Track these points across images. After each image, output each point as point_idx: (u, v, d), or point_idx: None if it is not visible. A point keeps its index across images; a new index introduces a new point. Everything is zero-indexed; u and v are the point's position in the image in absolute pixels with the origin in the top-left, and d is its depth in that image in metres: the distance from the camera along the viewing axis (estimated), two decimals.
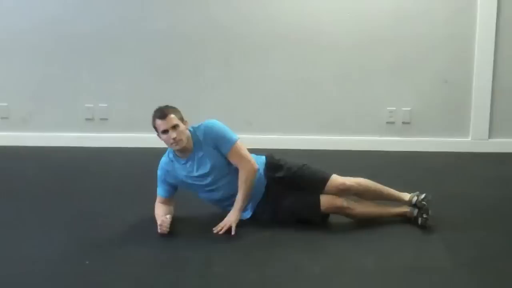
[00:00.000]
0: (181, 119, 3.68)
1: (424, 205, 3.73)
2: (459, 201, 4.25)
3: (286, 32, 5.73)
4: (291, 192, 3.81)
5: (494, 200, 4.32)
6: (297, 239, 3.63)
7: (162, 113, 3.64)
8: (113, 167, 5.31)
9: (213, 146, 3.73)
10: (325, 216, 3.82)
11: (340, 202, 3.78)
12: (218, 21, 5.75)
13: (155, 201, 3.86)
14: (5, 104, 6.01)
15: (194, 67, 5.86)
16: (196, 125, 3.79)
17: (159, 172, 3.85)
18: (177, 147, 3.67)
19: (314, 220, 3.77)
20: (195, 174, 3.75)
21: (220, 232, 3.63)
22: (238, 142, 3.75)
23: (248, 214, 3.85)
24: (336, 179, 3.84)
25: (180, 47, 5.78)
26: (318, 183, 3.81)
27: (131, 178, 4.90)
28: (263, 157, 3.93)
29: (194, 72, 5.86)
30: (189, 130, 3.74)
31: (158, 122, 3.64)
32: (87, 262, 3.32)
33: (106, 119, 5.98)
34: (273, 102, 5.85)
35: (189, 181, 3.79)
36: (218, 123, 3.79)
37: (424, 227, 3.71)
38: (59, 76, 5.94)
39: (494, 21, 5.54)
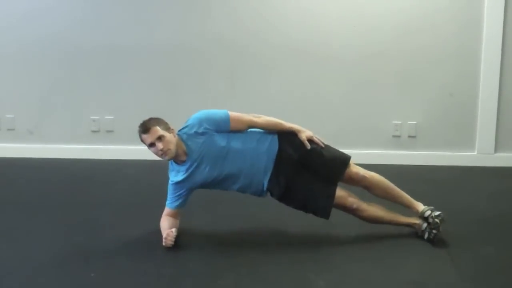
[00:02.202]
0: (167, 128, 3.66)
1: (437, 223, 3.68)
2: (465, 215, 4.24)
3: (292, 45, 5.75)
4: (307, 172, 3.75)
5: (500, 214, 4.31)
6: (303, 251, 3.62)
7: (145, 127, 3.63)
8: (118, 179, 5.31)
9: (215, 129, 3.69)
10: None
11: (351, 202, 3.75)
12: (223, 34, 5.78)
13: (160, 213, 3.84)
14: (12, 115, 6.03)
15: (200, 80, 5.87)
16: (181, 127, 3.76)
17: (170, 185, 3.82)
18: (167, 157, 3.65)
19: (322, 213, 3.74)
20: (201, 169, 3.70)
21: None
22: (230, 112, 3.74)
23: (263, 192, 3.77)
24: (352, 167, 3.82)
25: (185, 61, 5.81)
26: (337, 169, 3.77)
27: (136, 191, 4.90)
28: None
29: (199, 85, 5.88)
30: (177, 135, 3.71)
31: (143, 136, 3.64)
32: (92, 275, 3.31)
33: (112, 131, 6.00)
34: (278, 115, 5.79)
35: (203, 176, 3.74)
36: (205, 111, 3.78)
37: (431, 242, 3.69)
38: (65, 88, 5.97)
39: (501, 35, 5.55)
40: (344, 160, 3.83)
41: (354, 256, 3.59)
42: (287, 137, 3.82)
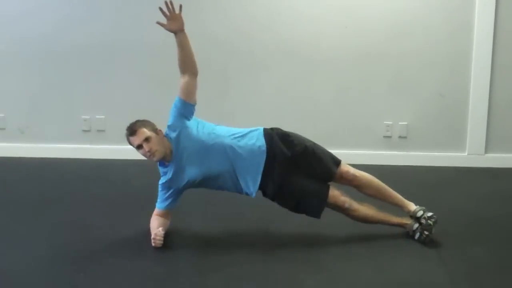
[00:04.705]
0: (154, 130, 3.67)
1: (429, 224, 3.69)
2: (455, 215, 4.25)
3: (284, 46, 5.75)
4: (300, 171, 3.75)
5: (490, 215, 4.32)
6: (292, 252, 3.63)
7: (131, 129, 3.64)
8: (109, 179, 5.30)
9: (183, 117, 3.70)
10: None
11: (343, 201, 3.76)
12: (216, 34, 5.77)
13: (151, 213, 3.84)
14: (2, 115, 6.01)
15: None
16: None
17: (160, 185, 3.82)
18: (155, 159, 3.65)
19: (314, 212, 3.75)
20: (183, 167, 3.69)
21: None
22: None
23: (253, 192, 3.73)
24: (343, 166, 3.83)
25: (177, 60, 5.79)
26: (330, 167, 3.79)
27: (127, 190, 4.90)
28: (259, 129, 3.86)
29: None
30: (165, 135, 3.71)
31: (131, 139, 3.65)
32: (81, 274, 3.31)
33: (103, 130, 5.98)
34: (270, 116, 5.86)
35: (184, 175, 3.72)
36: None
37: (422, 243, 3.70)
38: (56, 88, 5.95)
39: (491, 36, 5.57)
40: (336, 159, 3.86)
41: (345, 256, 3.60)
42: (279, 135, 3.83)
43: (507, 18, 5.55)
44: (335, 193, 3.77)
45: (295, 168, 3.75)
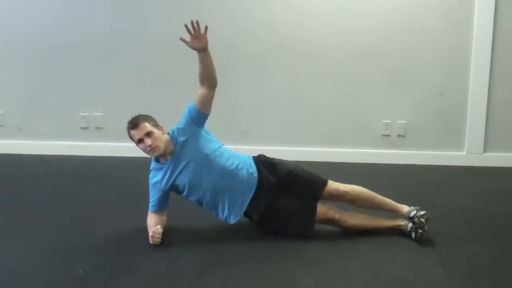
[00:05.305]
0: (156, 125, 3.67)
1: (422, 222, 3.70)
2: (453, 214, 4.26)
3: (283, 43, 5.75)
4: (287, 194, 3.77)
5: (488, 214, 4.32)
6: (290, 251, 3.62)
7: (133, 123, 3.64)
8: (107, 176, 5.29)
9: (195, 124, 3.71)
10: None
11: (332, 214, 3.77)
12: (214, 30, 5.69)
13: (148, 211, 3.84)
14: (1, 112, 6.00)
15: (190, 76, 5.77)
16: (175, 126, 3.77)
17: (151, 185, 3.82)
18: (155, 154, 3.65)
19: (305, 232, 3.74)
20: (177, 171, 3.69)
21: None
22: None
23: (236, 218, 3.76)
24: (331, 185, 3.83)
25: (176, 56, 5.79)
26: (316, 188, 3.79)
27: (125, 188, 4.89)
28: (250, 157, 3.87)
29: (190, 81, 5.78)
30: (168, 133, 3.72)
31: (132, 132, 3.64)
32: (80, 272, 3.30)
33: (102, 128, 5.98)
34: (269, 113, 5.86)
35: (173, 181, 3.72)
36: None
37: (418, 241, 3.70)
38: (54, 85, 5.94)
39: (491, 35, 5.57)
40: (323, 179, 3.86)
41: (342, 254, 3.60)
42: (264, 162, 3.85)
43: (506, 17, 5.56)
44: (323, 210, 3.78)
45: (280, 193, 3.78)
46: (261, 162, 3.85)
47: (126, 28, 5.81)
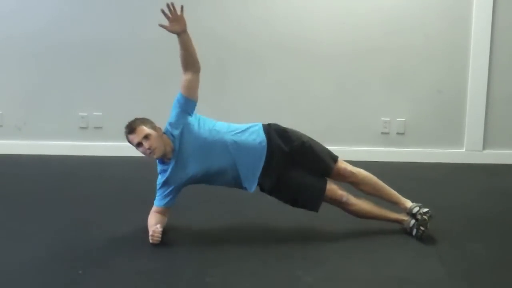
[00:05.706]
0: (153, 127, 3.66)
1: (425, 219, 3.69)
2: (453, 212, 4.26)
3: (281, 41, 5.75)
4: (298, 166, 3.75)
5: (488, 211, 4.33)
6: (291, 249, 3.62)
7: (130, 127, 3.63)
8: (107, 176, 5.29)
9: (186, 113, 3.70)
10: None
11: (340, 195, 3.76)
12: (213, 29, 5.76)
13: (148, 210, 3.82)
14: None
15: None
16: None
17: (157, 183, 3.80)
18: (155, 156, 3.63)
19: (312, 205, 3.75)
20: (185, 164, 3.67)
21: None
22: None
23: (253, 187, 3.74)
24: (340, 163, 3.84)
25: (175, 56, 5.72)
26: (328, 163, 3.79)
27: (125, 187, 4.89)
28: (259, 125, 3.85)
29: None
30: (164, 133, 3.70)
31: (130, 137, 3.64)
32: (80, 272, 3.30)
33: (101, 127, 5.97)
34: (267, 111, 5.84)
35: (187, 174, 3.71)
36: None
37: (419, 239, 3.70)
38: (53, 85, 5.94)
39: (489, 32, 5.58)
40: (333, 155, 3.87)
41: (342, 253, 3.59)
42: (277, 130, 3.83)
43: (505, 14, 5.57)
44: (333, 187, 3.77)
45: (293, 163, 3.76)
46: (274, 130, 3.82)
47: (125, 28, 5.81)
